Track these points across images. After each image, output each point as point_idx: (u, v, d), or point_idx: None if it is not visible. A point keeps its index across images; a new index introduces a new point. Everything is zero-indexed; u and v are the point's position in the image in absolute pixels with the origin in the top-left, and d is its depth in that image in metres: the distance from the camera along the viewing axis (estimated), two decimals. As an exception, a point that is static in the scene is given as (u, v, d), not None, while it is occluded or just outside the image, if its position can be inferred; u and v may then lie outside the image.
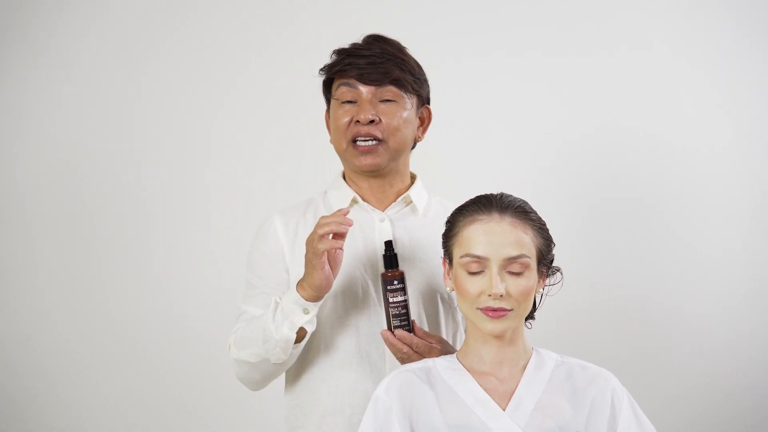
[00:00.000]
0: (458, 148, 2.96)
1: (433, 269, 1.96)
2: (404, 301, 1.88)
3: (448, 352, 1.88)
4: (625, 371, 2.04)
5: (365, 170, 1.98)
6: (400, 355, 1.87)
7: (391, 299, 1.88)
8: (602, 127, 2.99)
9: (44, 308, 3.02)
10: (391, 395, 1.71)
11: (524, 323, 1.76)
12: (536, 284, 1.73)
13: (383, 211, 2.01)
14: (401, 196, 2.02)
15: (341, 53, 1.99)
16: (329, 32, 2.54)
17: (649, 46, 2.99)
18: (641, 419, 1.73)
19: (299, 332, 1.88)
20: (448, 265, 1.77)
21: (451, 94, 2.86)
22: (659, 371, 2.93)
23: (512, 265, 1.68)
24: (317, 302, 1.87)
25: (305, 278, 1.85)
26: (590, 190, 2.99)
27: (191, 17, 3.06)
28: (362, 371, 1.94)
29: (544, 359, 1.76)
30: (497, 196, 1.75)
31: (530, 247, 1.71)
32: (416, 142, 2.05)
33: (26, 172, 3.04)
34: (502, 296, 1.67)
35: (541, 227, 1.75)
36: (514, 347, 1.73)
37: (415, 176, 2.07)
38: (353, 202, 2.01)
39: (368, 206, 2.01)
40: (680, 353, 2.95)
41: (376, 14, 3.02)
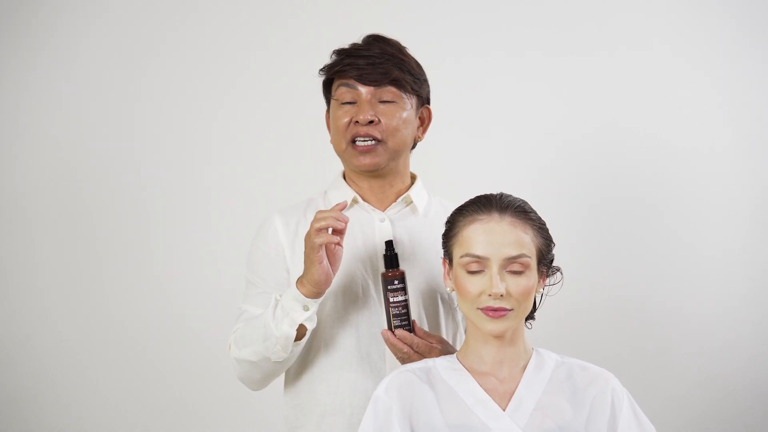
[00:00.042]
0: (458, 148, 2.96)
1: (433, 269, 1.96)
2: (405, 300, 1.88)
3: (448, 352, 1.88)
4: (625, 371, 2.04)
5: (364, 170, 1.98)
6: (400, 355, 1.87)
7: (391, 299, 1.88)
8: (602, 127, 2.99)
9: (44, 308, 3.02)
10: (391, 395, 1.71)
11: (524, 323, 1.77)
12: (536, 284, 1.73)
13: (383, 211, 2.01)
14: (401, 196, 2.02)
15: (341, 53, 1.99)
16: (329, 32, 2.54)
17: (649, 46, 2.99)
18: (641, 419, 1.73)
19: (299, 330, 1.88)
20: (448, 265, 1.77)
21: (451, 94, 2.86)
22: (659, 371, 2.93)
23: (512, 264, 1.68)
24: (317, 299, 1.87)
25: (304, 274, 1.85)
26: (590, 190, 2.98)
27: (191, 17, 3.06)
28: (362, 371, 1.94)
29: (544, 359, 1.76)
30: (497, 196, 1.75)
31: (530, 246, 1.71)
32: (416, 142, 2.05)
33: (26, 172, 3.04)
34: (502, 296, 1.67)
35: (540, 227, 1.75)
36: (514, 347, 1.73)
37: (415, 176, 2.07)
38: (354, 202, 2.01)
39: (368, 206, 2.01)
40: (680, 353, 2.95)
41: (376, 14, 3.02)
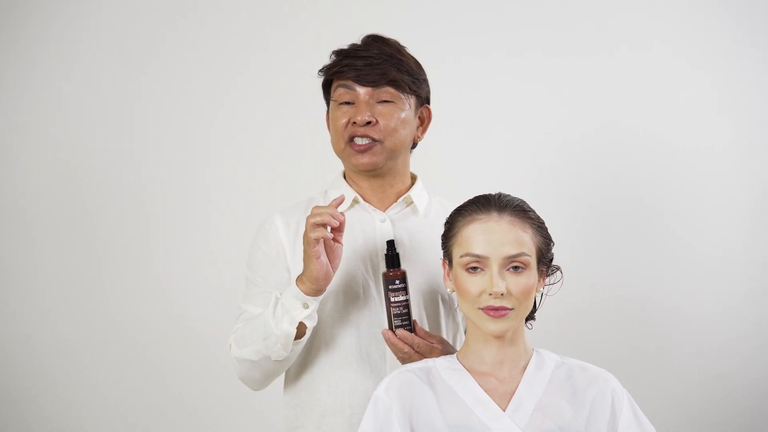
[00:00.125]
0: (458, 148, 2.96)
1: (433, 270, 1.96)
2: (406, 300, 1.88)
3: (448, 352, 1.87)
4: (625, 371, 2.04)
5: (362, 169, 1.98)
6: (401, 355, 1.87)
7: (392, 299, 1.88)
8: (602, 127, 2.99)
9: (44, 308, 3.02)
10: (391, 395, 1.71)
11: (525, 324, 1.76)
12: (536, 283, 1.72)
13: (384, 211, 2.01)
14: (402, 196, 2.02)
15: (339, 54, 1.99)
16: (329, 32, 2.54)
17: (649, 46, 2.99)
18: (641, 420, 1.72)
19: (300, 328, 1.88)
20: (447, 266, 1.77)
21: (451, 94, 2.86)
22: (659, 371, 2.93)
23: (512, 263, 1.68)
24: (317, 297, 1.87)
25: (304, 271, 1.85)
26: (590, 190, 2.98)
27: (191, 17, 3.06)
28: (362, 371, 1.94)
29: (544, 360, 1.75)
30: (495, 195, 1.75)
31: (530, 245, 1.71)
32: (416, 142, 2.05)
33: (26, 171, 3.03)
34: (503, 295, 1.67)
35: (539, 226, 1.75)
36: (514, 347, 1.73)
37: (415, 177, 2.07)
38: (354, 202, 2.01)
39: (369, 206, 2.01)
40: (680, 353, 2.95)
41: (376, 14, 3.02)
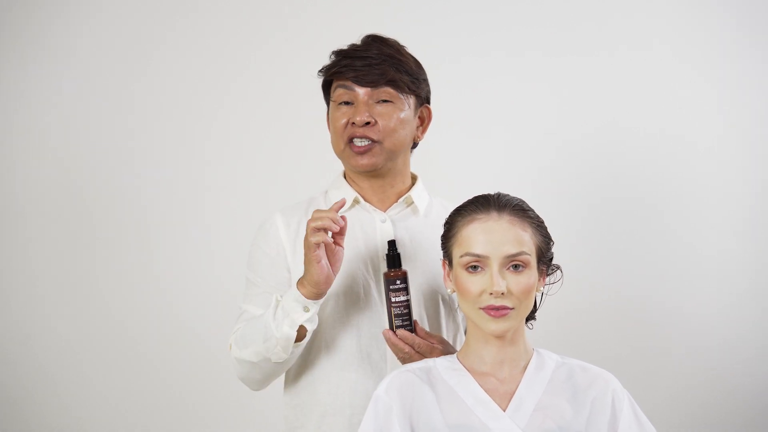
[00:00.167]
0: (458, 148, 2.96)
1: (434, 270, 1.96)
2: (406, 300, 1.88)
3: (449, 352, 1.87)
4: (625, 371, 2.04)
5: (362, 170, 1.98)
6: (401, 355, 1.87)
7: (393, 299, 1.87)
8: (602, 127, 2.99)
9: (44, 308, 3.01)
10: (391, 395, 1.71)
11: (525, 324, 1.76)
12: (536, 282, 1.72)
13: (385, 211, 2.01)
14: (402, 196, 2.02)
15: (339, 55, 1.98)
16: (329, 32, 2.54)
17: (649, 46, 2.99)
18: (642, 420, 1.72)
19: (300, 331, 1.88)
20: (447, 266, 1.77)
21: (451, 94, 2.86)
22: (659, 371, 2.93)
23: (512, 262, 1.68)
24: (318, 300, 1.86)
25: (304, 275, 1.85)
26: (590, 190, 2.98)
27: (191, 17, 3.06)
28: (363, 371, 1.94)
29: (544, 360, 1.75)
30: (495, 195, 1.75)
31: (529, 244, 1.71)
32: (416, 142, 2.05)
33: (26, 171, 3.03)
34: (503, 294, 1.67)
35: (539, 225, 1.75)
36: (515, 347, 1.73)
37: (416, 177, 2.07)
38: (355, 202, 2.01)
39: (370, 206, 2.01)
40: (680, 353, 2.95)
41: (376, 14, 3.02)
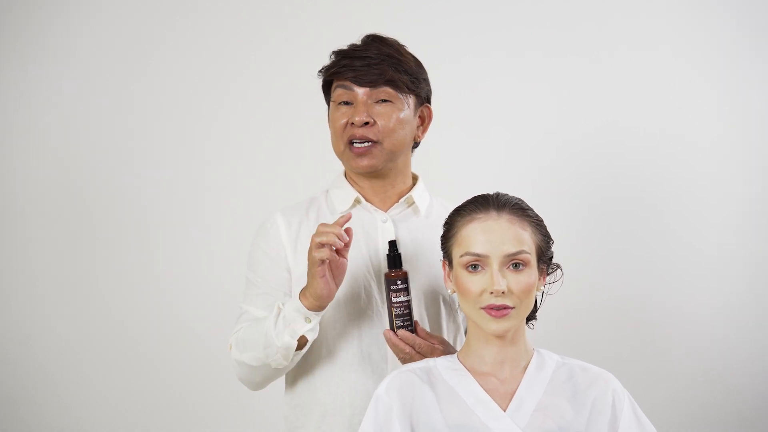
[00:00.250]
0: (458, 148, 2.96)
1: (435, 270, 1.95)
2: (407, 301, 1.87)
3: (449, 353, 1.87)
4: (625, 371, 2.04)
5: (362, 171, 1.97)
6: (402, 355, 1.87)
7: (394, 299, 1.87)
8: (602, 127, 2.99)
9: (44, 308, 3.01)
10: (391, 395, 1.71)
11: (526, 324, 1.76)
12: (537, 281, 1.72)
13: (386, 211, 2.01)
14: (403, 197, 2.02)
15: (338, 55, 1.98)
16: (329, 32, 2.54)
17: (649, 46, 2.99)
18: (642, 420, 1.72)
19: (301, 340, 1.87)
20: (447, 267, 1.77)
21: (451, 94, 2.85)
22: (659, 371, 2.93)
23: (512, 261, 1.68)
24: (320, 311, 1.86)
25: (307, 287, 1.84)
26: (590, 190, 2.98)
27: (191, 17, 3.06)
28: (363, 372, 1.94)
29: (545, 360, 1.75)
30: (494, 195, 1.75)
31: (529, 243, 1.71)
32: (417, 141, 2.05)
33: (26, 171, 3.03)
34: (504, 293, 1.67)
35: (538, 224, 1.75)
36: (515, 347, 1.73)
37: (417, 177, 2.07)
38: (356, 202, 2.01)
39: (371, 207, 2.01)
40: (680, 353, 2.95)
41: (376, 14, 3.02)
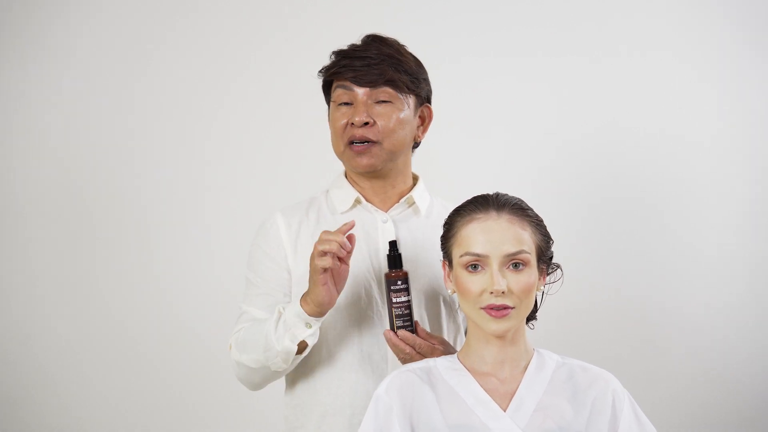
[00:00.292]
0: (458, 148, 2.96)
1: (435, 271, 1.95)
2: (407, 301, 1.87)
3: (450, 353, 1.87)
4: (625, 371, 2.04)
5: (362, 171, 1.97)
6: (402, 355, 1.87)
7: (394, 299, 1.87)
8: (602, 127, 2.99)
9: (44, 308, 3.01)
10: (391, 395, 1.71)
11: (526, 324, 1.76)
12: (537, 281, 1.72)
13: (386, 211, 2.01)
14: (404, 197, 2.02)
15: (338, 55, 1.98)
16: (329, 32, 2.54)
17: (649, 46, 2.99)
18: (642, 420, 1.72)
19: (301, 344, 1.87)
20: (447, 267, 1.77)
21: (451, 94, 2.85)
22: (659, 371, 2.93)
23: (512, 261, 1.68)
24: (320, 317, 1.86)
25: (309, 293, 1.84)
26: (590, 190, 2.99)
27: (191, 17, 3.06)
28: (363, 372, 1.94)
29: (545, 360, 1.75)
30: (493, 195, 1.75)
31: (529, 243, 1.71)
32: (417, 141, 2.04)
33: (26, 171, 3.03)
34: (504, 293, 1.67)
35: (538, 224, 1.75)
36: (515, 347, 1.73)
37: (417, 177, 2.07)
38: (356, 202, 2.01)
39: (371, 207, 2.01)
40: (680, 353, 2.95)
41: (376, 14, 3.02)
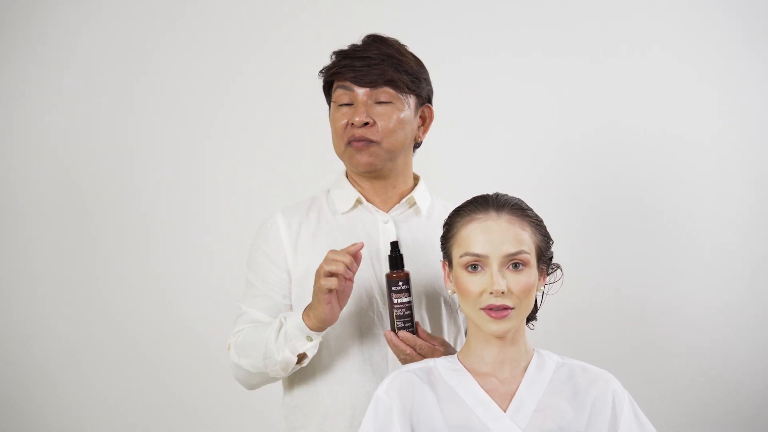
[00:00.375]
0: (458, 148, 2.96)
1: (436, 271, 1.95)
2: (408, 302, 1.87)
3: (450, 354, 1.87)
4: (625, 371, 2.04)
5: (362, 170, 1.97)
6: (402, 356, 1.86)
7: (395, 300, 1.87)
8: (602, 127, 2.99)
9: (44, 308, 3.01)
10: (391, 396, 1.70)
11: (526, 324, 1.76)
12: (537, 281, 1.72)
13: (387, 212, 2.01)
14: (405, 197, 2.02)
15: (339, 55, 1.97)
16: (329, 32, 2.54)
17: (649, 46, 2.99)
18: (642, 420, 1.72)
19: (301, 354, 1.87)
20: (447, 267, 1.77)
21: (451, 94, 2.84)
22: (659, 371, 2.93)
23: (512, 261, 1.68)
24: (321, 332, 1.86)
25: (312, 309, 1.84)
26: (590, 190, 2.99)
27: (191, 17, 3.06)
28: (364, 373, 1.94)
29: (545, 360, 1.75)
30: (493, 195, 1.75)
31: (529, 243, 1.70)
32: (418, 141, 2.04)
33: (26, 171, 3.03)
34: (503, 293, 1.67)
35: (538, 224, 1.74)
36: (515, 348, 1.73)
37: (418, 177, 2.07)
38: (357, 202, 2.00)
39: (372, 207, 2.00)
40: (680, 353, 2.95)
41: (375, 14, 3.02)
